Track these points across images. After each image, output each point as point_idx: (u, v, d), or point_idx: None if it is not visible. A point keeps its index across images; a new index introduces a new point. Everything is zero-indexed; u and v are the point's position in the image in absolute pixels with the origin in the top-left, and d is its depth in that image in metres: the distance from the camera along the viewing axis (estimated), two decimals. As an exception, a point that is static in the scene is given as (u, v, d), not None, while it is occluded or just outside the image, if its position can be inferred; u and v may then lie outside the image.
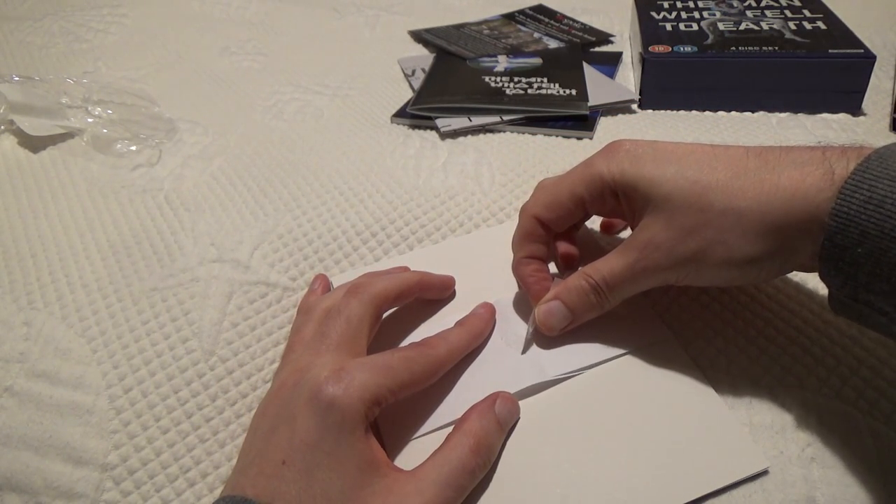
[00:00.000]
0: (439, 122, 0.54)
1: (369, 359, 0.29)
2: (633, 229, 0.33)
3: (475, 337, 0.34)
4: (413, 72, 0.65)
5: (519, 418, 0.31)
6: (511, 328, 0.35)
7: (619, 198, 0.33)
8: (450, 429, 0.30)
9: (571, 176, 0.34)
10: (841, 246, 0.26)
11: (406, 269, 0.39)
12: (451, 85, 0.60)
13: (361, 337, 0.31)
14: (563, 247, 0.37)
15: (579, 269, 0.33)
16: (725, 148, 0.31)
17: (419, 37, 0.74)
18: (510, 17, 0.77)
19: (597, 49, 0.70)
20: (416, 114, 0.56)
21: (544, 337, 0.34)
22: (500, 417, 0.30)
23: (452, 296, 0.38)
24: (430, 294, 0.37)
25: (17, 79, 0.58)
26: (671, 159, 0.31)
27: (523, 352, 0.34)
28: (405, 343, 0.36)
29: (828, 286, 0.28)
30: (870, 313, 0.27)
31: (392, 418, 0.31)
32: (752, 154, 0.30)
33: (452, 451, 0.28)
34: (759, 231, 0.28)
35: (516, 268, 0.37)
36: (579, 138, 0.53)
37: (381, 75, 0.66)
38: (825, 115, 0.55)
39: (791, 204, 0.27)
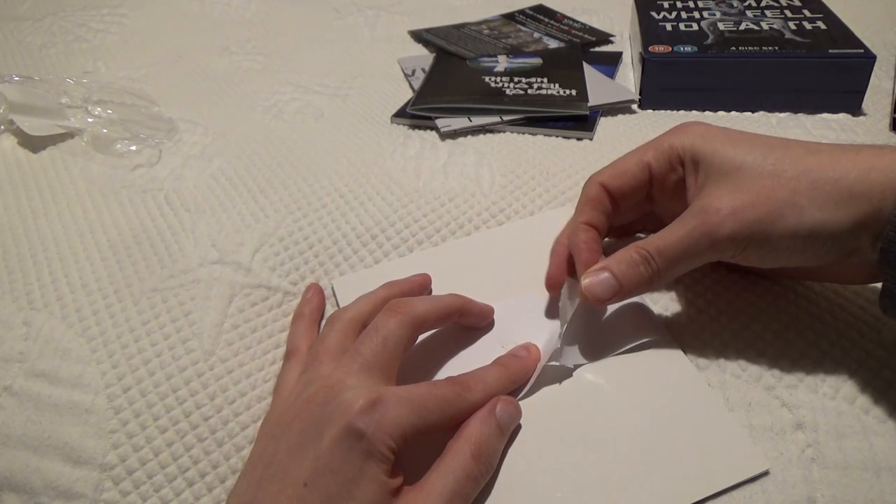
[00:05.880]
0: (439, 123, 0.54)
1: (405, 392, 0.28)
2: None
3: (514, 382, 0.32)
4: (413, 72, 0.65)
5: (520, 422, 0.31)
6: (511, 333, 0.35)
7: (686, 168, 0.33)
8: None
9: (640, 147, 0.35)
10: None
11: (424, 276, 0.39)
12: (451, 85, 0.60)
13: (395, 360, 0.30)
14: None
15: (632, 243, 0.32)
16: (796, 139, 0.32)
17: (419, 37, 0.74)
18: (510, 17, 0.77)
19: (597, 49, 0.70)
20: (416, 114, 0.56)
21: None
22: (500, 422, 0.30)
23: (491, 325, 0.36)
24: (467, 321, 0.36)
25: (17, 79, 0.58)
26: (742, 139, 0.32)
27: (562, 334, 0.33)
28: (422, 350, 0.35)
29: (884, 280, 0.29)
30: None
31: None
32: (825, 143, 0.31)
33: (455, 460, 0.28)
34: (832, 196, 0.28)
35: (572, 233, 0.35)
36: (579, 139, 0.53)
37: (381, 75, 0.66)
38: (825, 115, 0.55)
39: (868, 176, 0.28)
